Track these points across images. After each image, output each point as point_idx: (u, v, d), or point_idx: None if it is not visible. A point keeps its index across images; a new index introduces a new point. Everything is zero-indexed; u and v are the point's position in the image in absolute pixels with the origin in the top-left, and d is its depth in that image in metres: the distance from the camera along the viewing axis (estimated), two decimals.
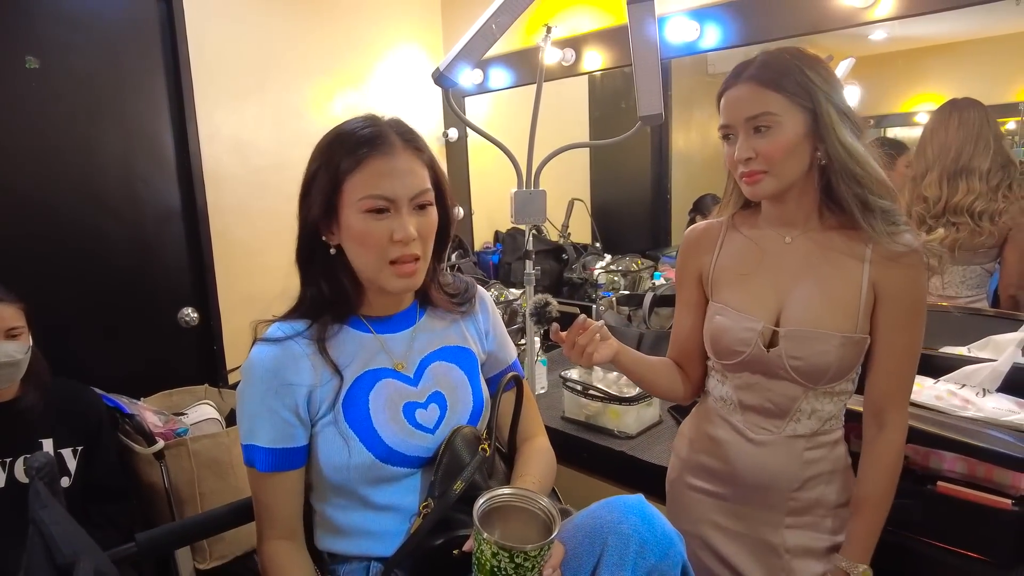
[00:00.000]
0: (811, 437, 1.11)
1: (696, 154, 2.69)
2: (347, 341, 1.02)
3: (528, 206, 1.78)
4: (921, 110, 1.89)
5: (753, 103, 1.03)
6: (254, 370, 0.97)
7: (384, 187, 0.93)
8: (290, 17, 2.47)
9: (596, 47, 2.41)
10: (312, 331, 0.99)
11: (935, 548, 1.17)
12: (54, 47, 1.99)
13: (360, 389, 0.99)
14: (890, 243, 1.03)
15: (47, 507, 0.82)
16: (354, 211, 0.94)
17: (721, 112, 1.10)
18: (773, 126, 1.03)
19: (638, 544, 0.83)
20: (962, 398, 1.36)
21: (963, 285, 1.75)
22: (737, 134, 1.06)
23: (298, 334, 0.99)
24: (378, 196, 0.93)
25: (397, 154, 0.95)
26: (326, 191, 0.95)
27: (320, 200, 0.95)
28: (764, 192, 1.07)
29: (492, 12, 1.56)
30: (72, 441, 1.70)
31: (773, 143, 1.03)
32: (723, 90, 1.09)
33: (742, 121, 1.05)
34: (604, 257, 2.68)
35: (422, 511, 0.97)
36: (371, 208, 0.93)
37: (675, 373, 1.28)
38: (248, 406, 0.97)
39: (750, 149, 1.04)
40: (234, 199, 2.38)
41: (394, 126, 0.99)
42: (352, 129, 0.97)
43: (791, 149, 1.03)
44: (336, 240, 0.98)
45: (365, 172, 0.93)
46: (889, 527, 1.10)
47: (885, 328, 1.06)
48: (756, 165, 1.04)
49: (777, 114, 1.02)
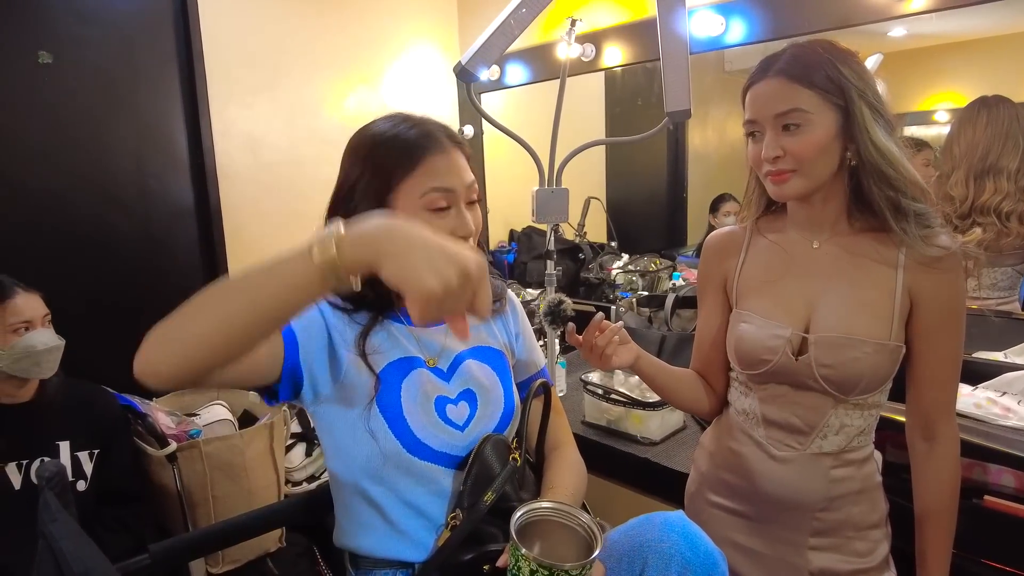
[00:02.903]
0: (838, 455, 1.05)
1: (713, 152, 2.65)
2: (383, 332, 1.00)
3: (550, 205, 1.73)
4: (940, 108, 1.86)
5: (782, 99, 0.97)
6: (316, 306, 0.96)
7: (446, 180, 0.92)
8: (304, 12, 2.44)
9: (617, 42, 2.36)
10: (359, 318, 0.99)
11: (983, 566, 1.12)
12: (68, 42, 1.98)
13: (393, 377, 0.97)
14: (924, 247, 0.97)
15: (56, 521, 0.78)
16: (414, 211, 0.92)
17: (747, 108, 1.03)
18: (803, 124, 0.97)
19: (680, 564, 0.79)
20: (1003, 406, 1.32)
21: (993, 287, 1.69)
22: (764, 131, 1.00)
23: (356, 310, 0.99)
24: (441, 188, 0.92)
25: (449, 150, 0.94)
26: (377, 193, 0.93)
27: (369, 201, 0.93)
28: (792, 192, 1.01)
29: (514, 6, 1.51)
30: (89, 444, 1.69)
31: (803, 142, 0.97)
32: (749, 84, 1.03)
33: (770, 118, 0.99)
34: (621, 257, 2.64)
35: (450, 522, 0.93)
36: (433, 206, 0.92)
37: (700, 385, 1.22)
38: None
39: (778, 147, 0.98)
40: (246, 196, 2.35)
41: (436, 124, 0.98)
42: (397, 131, 0.95)
43: (822, 148, 0.97)
44: None
45: (422, 171, 0.92)
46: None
47: (926, 335, 1.01)
48: (784, 164, 0.98)
49: (808, 111, 0.96)
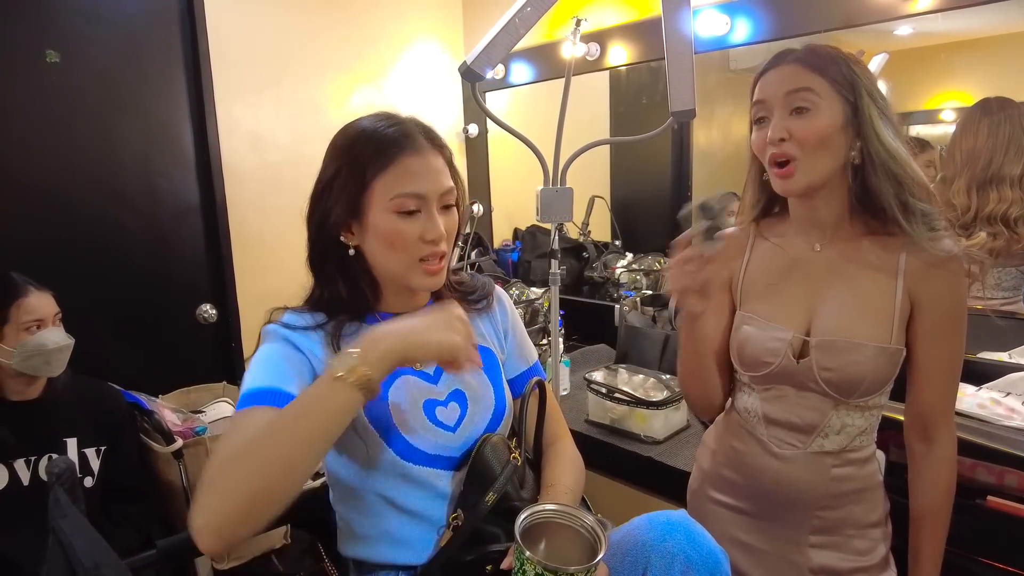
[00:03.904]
0: (839, 454, 1.06)
1: (717, 151, 2.64)
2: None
3: (554, 204, 1.73)
4: (947, 107, 1.84)
5: (795, 80, 0.99)
6: (271, 333, 0.93)
7: (416, 185, 0.92)
8: (309, 11, 2.45)
9: (621, 41, 2.36)
10: (330, 327, 0.96)
11: (985, 566, 1.12)
12: (75, 41, 1.98)
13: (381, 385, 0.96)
14: (930, 247, 0.98)
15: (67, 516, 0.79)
16: (384, 211, 0.92)
17: (757, 90, 1.04)
18: (812, 108, 0.98)
19: (683, 564, 0.79)
20: (1007, 407, 1.32)
21: (997, 287, 1.69)
22: (771, 114, 1.01)
23: (318, 325, 0.96)
24: (410, 194, 0.92)
25: (425, 153, 0.94)
26: (351, 191, 0.93)
27: (344, 200, 0.93)
28: (796, 188, 1.02)
29: (520, 5, 1.52)
30: (96, 441, 1.70)
31: (809, 126, 0.97)
32: (762, 72, 1.04)
33: (781, 96, 0.99)
34: (625, 256, 2.64)
35: (451, 523, 0.93)
36: (402, 209, 0.92)
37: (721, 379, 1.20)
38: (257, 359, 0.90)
39: (784, 129, 0.98)
40: (251, 194, 2.36)
41: (416, 124, 0.97)
42: (375, 128, 0.95)
43: (826, 137, 0.98)
44: (356, 241, 0.96)
45: (395, 171, 0.92)
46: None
47: (926, 338, 1.01)
48: (788, 148, 0.99)
49: (818, 95, 0.97)
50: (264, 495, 0.69)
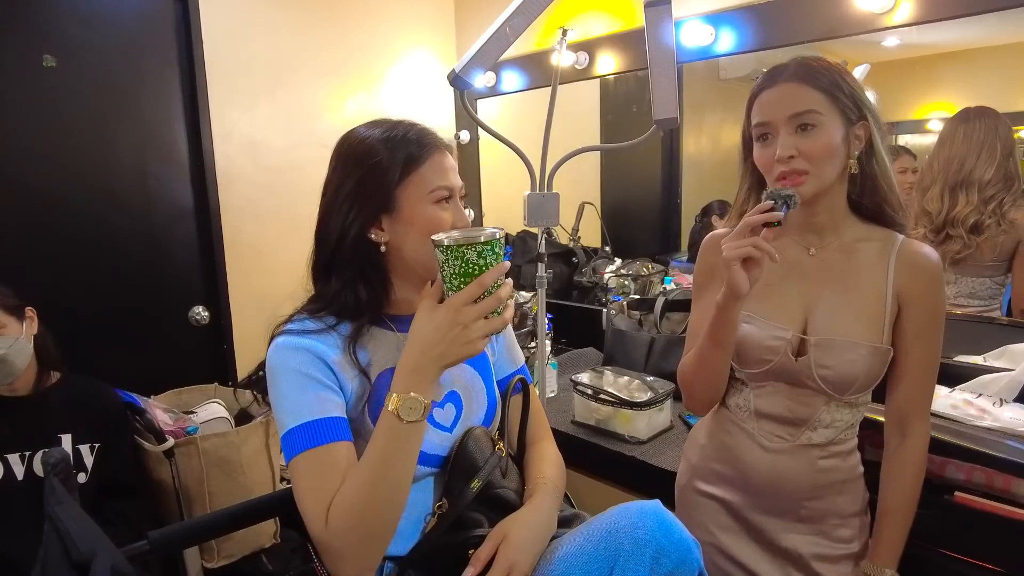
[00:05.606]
0: (826, 446, 1.11)
1: (707, 159, 2.68)
2: (371, 340, 1.01)
3: (541, 209, 1.77)
4: (934, 118, 1.88)
5: (798, 101, 1.02)
6: (285, 348, 0.92)
7: (448, 179, 0.99)
8: (304, 18, 2.48)
9: (609, 51, 2.40)
10: (344, 329, 0.97)
11: (952, 559, 1.16)
12: (71, 46, 2.01)
13: (382, 388, 0.97)
14: (916, 251, 1.05)
15: (62, 503, 0.82)
16: (424, 202, 0.96)
17: (757, 112, 1.07)
18: (817, 125, 1.02)
19: (654, 551, 0.82)
20: (979, 408, 1.35)
21: (972, 296, 1.73)
22: (776, 133, 1.04)
23: (330, 328, 0.96)
24: (444, 187, 0.98)
25: (445, 151, 1.01)
26: (385, 187, 0.95)
27: (377, 197, 0.96)
28: (806, 194, 1.04)
29: (508, 15, 1.56)
30: (90, 438, 1.71)
31: (817, 143, 1.02)
32: (758, 91, 1.07)
33: (784, 119, 1.03)
34: (614, 261, 2.67)
35: (437, 510, 0.96)
36: (440, 198, 0.97)
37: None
38: (284, 386, 0.91)
39: (792, 147, 1.02)
40: (245, 199, 2.38)
41: (427, 127, 1.03)
42: (395, 134, 0.98)
43: (833, 150, 1.02)
44: (385, 238, 0.98)
45: (430, 165, 0.97)
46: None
47: (909, 336, 1.07)
48: (797, 164, 1.03)
49: (822, 113, 1.02)
50: (389, 534, 0.89)
